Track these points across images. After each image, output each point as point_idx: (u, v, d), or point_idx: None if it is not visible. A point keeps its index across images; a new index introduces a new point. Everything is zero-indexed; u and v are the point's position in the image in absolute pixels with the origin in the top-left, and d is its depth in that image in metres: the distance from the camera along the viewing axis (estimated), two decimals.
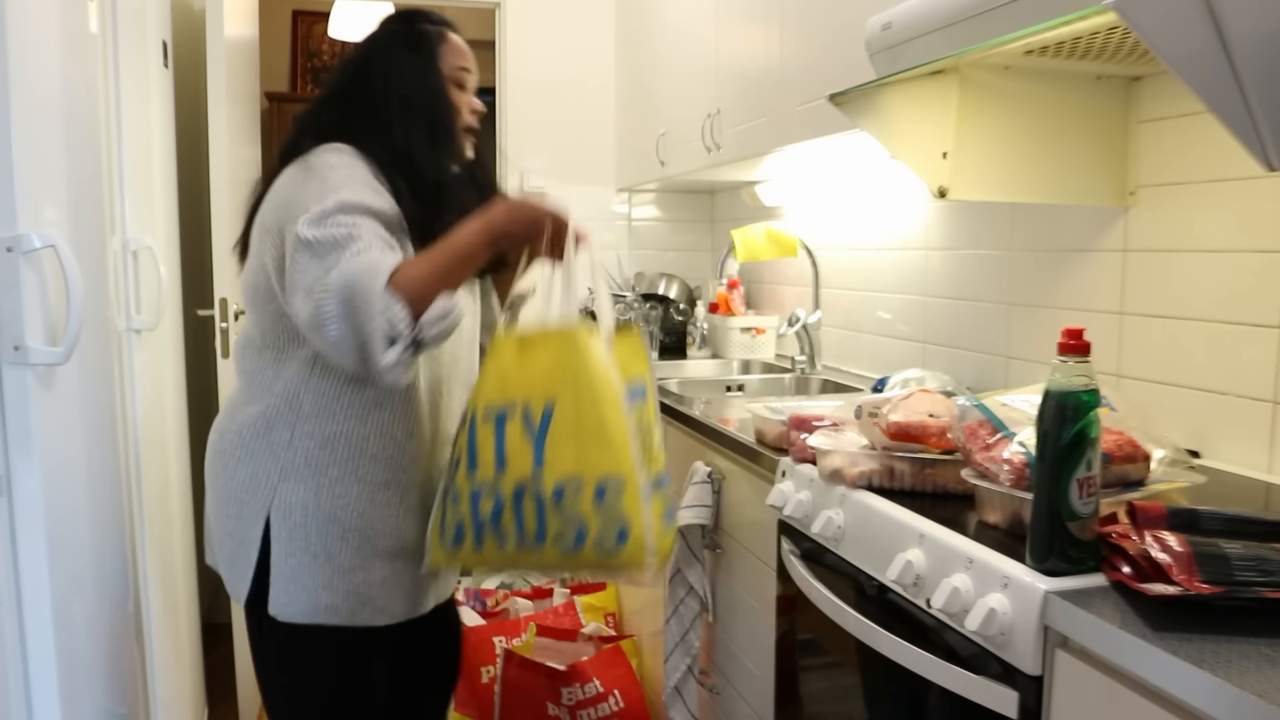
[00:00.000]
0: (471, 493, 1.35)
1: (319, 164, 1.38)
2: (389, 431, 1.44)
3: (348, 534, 1.42)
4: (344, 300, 1.23)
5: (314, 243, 1.28)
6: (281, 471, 1.41)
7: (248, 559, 1.44)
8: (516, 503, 1.32)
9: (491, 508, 1.33)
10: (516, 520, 1.33)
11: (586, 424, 1.31)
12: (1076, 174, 1.51)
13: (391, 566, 1.46)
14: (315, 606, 1.41)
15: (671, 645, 1.89)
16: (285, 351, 1.42)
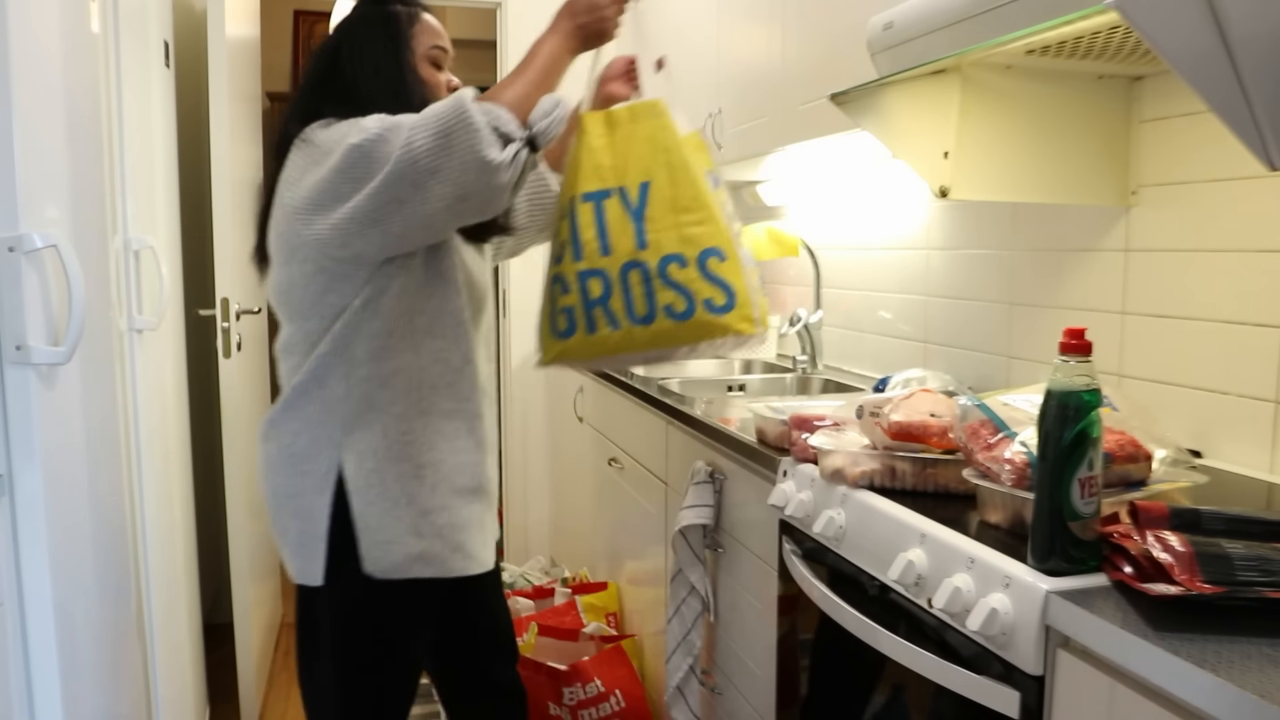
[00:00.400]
0: (579, 275, 1.39)
1: (320, 138, 1.38)
2: (444, 358, 1.45)
3: (422, 470, 1.43)
4: (438, 125, 1.25)
5: (374, 135, 1.28)
6: (342, 425, 1.42)
7: (317, 532, 1.43)
8: (624, 280, 1.37)
9: (601, 288, 1.38)
10: (625, 297, 1.37)
11: (682, 198, 1.38)
12: (1078, 174, 1.51)
13: (472, 507, 1.48)
14: (408, 556, 1.42)
15: (673, 645, 1.89)
16: (331, 315, 1.41)
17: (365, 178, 1.30)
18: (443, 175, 1.26)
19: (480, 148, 1.24)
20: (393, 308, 1.41)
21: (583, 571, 3.08)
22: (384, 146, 1.29)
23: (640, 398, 2.26)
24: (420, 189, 1.27)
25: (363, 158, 1.30)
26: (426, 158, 1.25)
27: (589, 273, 1.39)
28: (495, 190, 1.28)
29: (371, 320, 1.40)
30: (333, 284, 1.40)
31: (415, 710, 2.65)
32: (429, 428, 1.44)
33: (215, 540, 2.86)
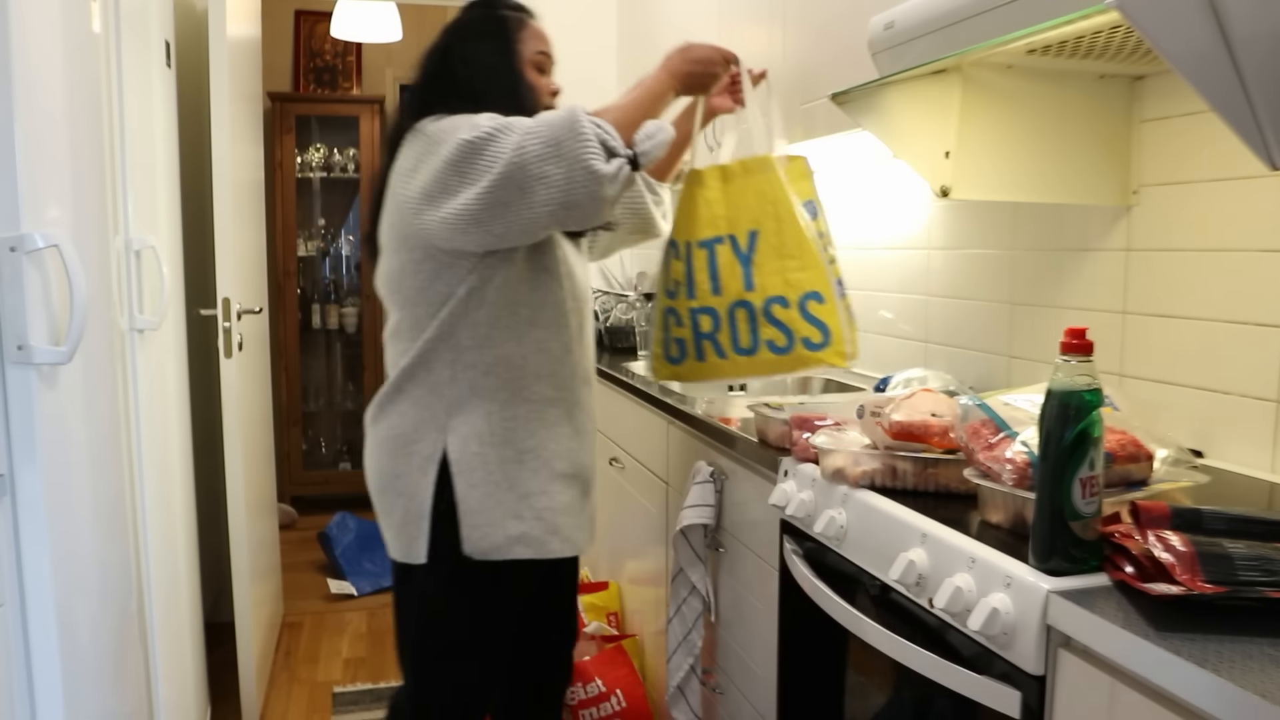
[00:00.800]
0: (691, 311, 1.62)
1: (431, 129, 1.44)
2: (546, 348, 1.52)
3: (524, 455, 1.50)
4: (549, 133, 1.33)
5: (485, 133, 1.36)
6: (447, 409, 1.48)
7: (420, 512, 1.49)
8: (731, 317, 1.58)
9: (711, 323, 1.60)
10: (732, 332, 1.59)
11: (787, 246, 1.56)
12: (1079, 173, 1.51)
13: (570, 492, 1.56)
14: (508, 538, 1.49)
15: (674, 645, 1.89)
16: (438, 303, 1.48)
17: (474, 175, 1.37)
18: (550, 182, 1.33)
19: (589, 159, 1.33)
20: (496, 298, 1.48)
21: (583, 571, 3.08)
22: (494, 145, 1.36)
23: (641, 397, 2.26)
24: (526, 194, 1.35)
25: (473, 153, 1.37)
26: (536, 164, 1.33)
27: (701, 309, 1.61)
28: (598, 201, 1.36)
29: (476, 309, 1.47)
30: (440, 272, 1.47)
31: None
32: (530, 414, 1.51)
33: (216, 540, 2.86)
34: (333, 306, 4.70)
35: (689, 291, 1.62)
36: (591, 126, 1.35)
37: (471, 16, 1.59)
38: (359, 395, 4.71)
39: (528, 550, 1.51)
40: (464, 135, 1.37)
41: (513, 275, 1.50)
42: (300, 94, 4.58)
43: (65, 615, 1.28)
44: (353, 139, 4.58)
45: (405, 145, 1.48)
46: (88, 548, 1.42)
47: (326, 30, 4.45)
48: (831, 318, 1.56)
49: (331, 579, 3.66)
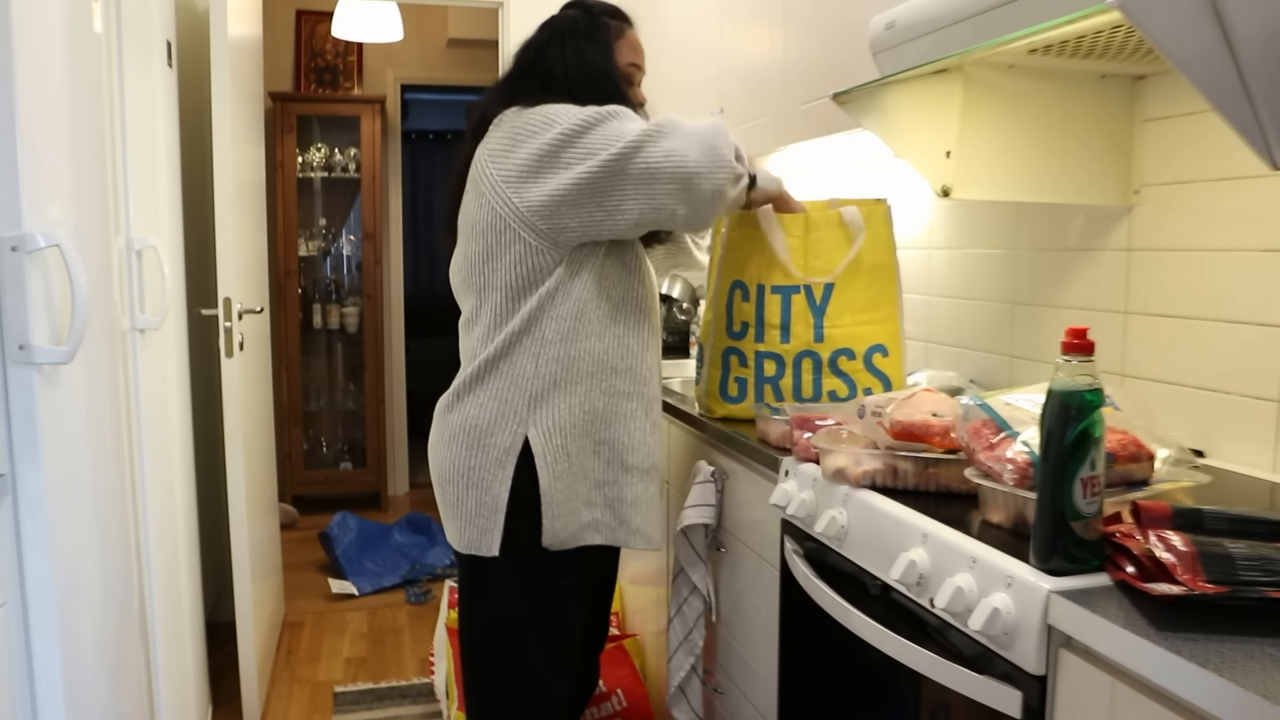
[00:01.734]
0: (757, 354, 1.65)
1: (523, 119, 1.48)
2: (625, 343, 1.55)
3: (599, 446, 1.54)
4: (685, 124, 1.41)
5: (591, 117, 1.42)
6: (529, 402, 1.50)
7: (496, 504, 1.50)
8: (796, 366, 1.63)
9: (775, 369, 1.64)
10: (795, 380, 1.64)
11: (859, 300, 1.63)
12: (1081, 173, 1.51)
13: (644, 485, 1.58)
14: (581, 525, 1.53)
15: (675, 645, 1.89)
16: (520, 294, 1.50)
17: (596, 154, 1.41)
18: (683, 164, 1.39)
19: (731, 167, 1.41)
20: (582, 292, 1.51)
21: None
22: (622, 130, 1.42)
23: None
24: (655, 179, 1.40)
25: (602, 136, 1.42)
26: (691, 152, 1.39)
27: (766, 354, 1.65)
28: (715, 201, 1.43)
29: (563, 303, 1.50)
30: (525, 259, 1.49)
31: (416, 710, 2.65)
32: (608, 408, 1.54)
33: (218, 539, 2.87)
34: (334, 306, 4.70)
35: (758, 335, 1.65)
36: (725, 132, 1.43)
37: (573, 16, 1.62)
38: (360, 395, 4.72)
39: (599, 536, 1.55)
40: (583, 117, 1.43)
41: (599, 271, 1.53)
42: (301, 94, 4.58)
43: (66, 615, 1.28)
44: (354, 139, 4.58)
45: (492, 132, 1.50)
46: (89, 547, 1.42)
47: (328, 30, 4.45)
48: (895, 369, 1.64)
49: (332, 578, 3.66)
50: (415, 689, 2.79)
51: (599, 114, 1.44)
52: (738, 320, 1.67)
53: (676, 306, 3.12)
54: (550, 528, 1.51)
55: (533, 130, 1.46)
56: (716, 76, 2.55)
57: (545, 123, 1.46)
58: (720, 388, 1.71)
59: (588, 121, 1.43)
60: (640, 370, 1.58)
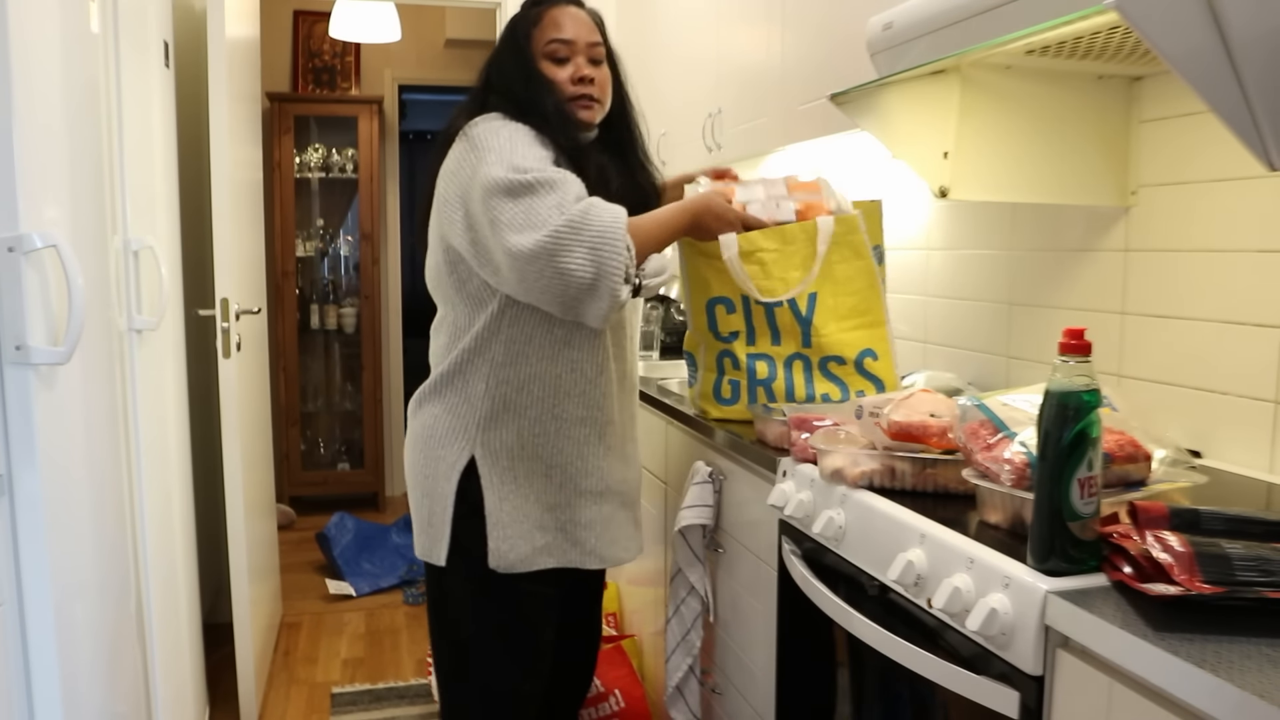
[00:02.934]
0: (749, 356, 1.66)
1: (479, 132, 1.45)
2: (580, 368, 1.52)
3: (551, 470, 1.52)
4: (591, 236, 1.33)
5: (530, 182, 1.36)
6: (479, 421, 1.50)
7: (444, 516, 1.51)
8: (788, 368, 1.64)
9: (767, 371, 1.65)
10: (787, 383, 1.64)
11: (844, 307, 1.63)
12: (1078, 174, 1.51)
13: (598, 508, 1.56)
14: (533, 549, 1.51)
15: (673, 645, 1.89)
16: (474, 311, 1.49)
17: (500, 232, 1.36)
18: (568, 279, 1.33)
19: (609, 281, 1.35)
20: (531, 315, 1.48)
21: None
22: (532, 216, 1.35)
23: (640, 397, 2.26)
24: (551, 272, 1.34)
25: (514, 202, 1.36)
26: (571, 255, 1.33)
27: (758, 356, 1.66)
28: (596, 315, 1.38)
29: (512, 324, 1.48)
30: (473, 276, 1.48)
31: (414, 710, 2.65)
32: (560, 432, 1.52)
33: (215, 540, 2.86)
34: (331, 307, 4.70)
35: (749, 338, 1.66)
36: (626, 248, 1.36)
37: (511, 17, 1.62)
38: (357, 395, 4.72)
39: (551, 559, 1.53)
40: (505, 176, 1.37)
41: None
42: (299, 94, 4.58)
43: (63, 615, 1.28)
44: (351, 139, 4.58)
45: (455, 145, 1.50)
46: (86, 548, 1.42)
47: (325, 30, 4.45)
48: (886, 372, 1.65)
49: (330, 579, 3.66)
50: (413, 690, 2.78)
51: (523, 184, 1.37)
52: (725, 329, 1.67)
53: (674, 308, 3.12)
54: (496, 549, 1.50)
55: (469, 158, 1.44)
56: (714, 77, 2.55)
57: (479, 157, 1.42)
58: (714, 390, 1.72)
59: (512, 185, 1.37)
60: (594, 395, 1.54)
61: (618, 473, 1.60)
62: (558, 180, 1.38)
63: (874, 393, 1.62)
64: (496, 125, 1.46)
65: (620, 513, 1.62)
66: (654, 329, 2.99)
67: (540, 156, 1.43)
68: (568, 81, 1.55)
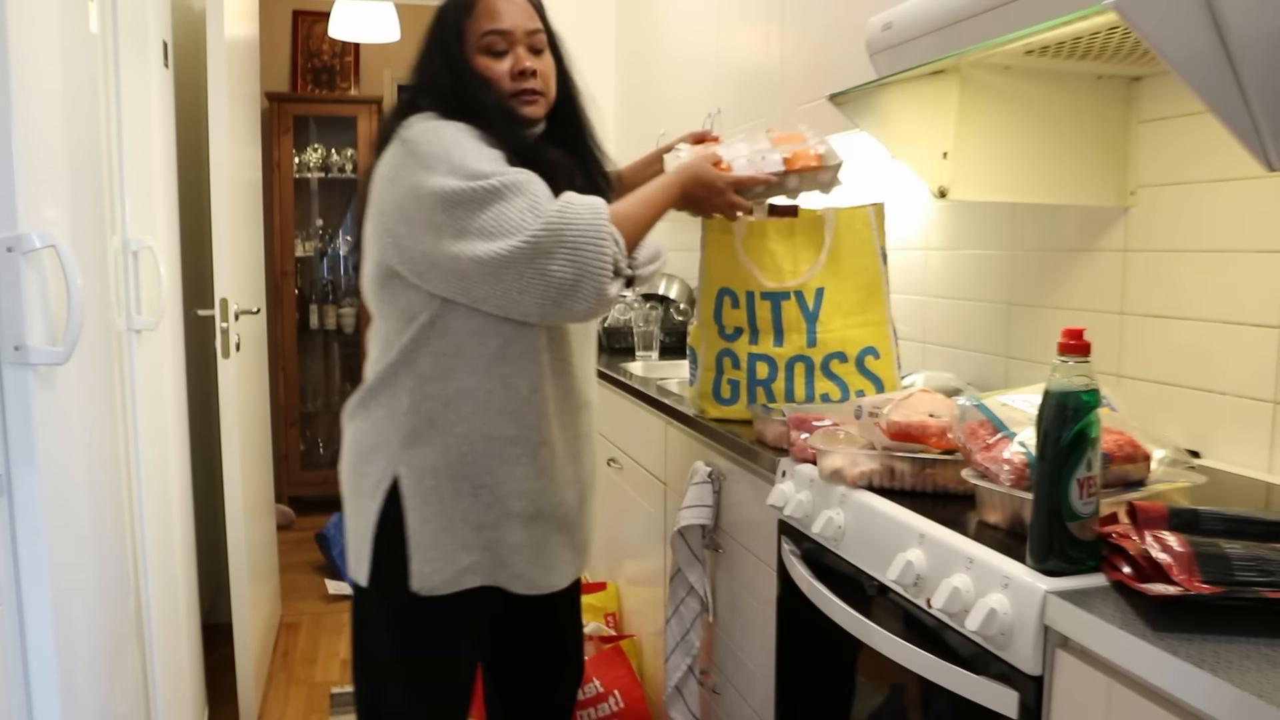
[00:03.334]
0: (750, 356, 1.65)
1: (416, 136, 1.35)
2: (512, 385, 1.41)
3: (478, 490, 1.42)
4: (573, 235, 1.26)
5: (492, 188, 1.28)
6: (403, 439, 1.40)
7: (366, 534, 1.43)
8: (789, 369, 1.64)
9: (768, 371, 1.64)
10: (788, 383, 1.64)
11: (849, 303, 1.63)
12: (1077, 174, 1.51)
13: (528, 532, 1.46)
14: (457, 570, 1.41)
15: (672, 645, 1.89)
16: (403, 323, 1.40)
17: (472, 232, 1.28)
18: (550, 281, 1.27)
19: (598, 279, 1.28)
20: (461, 327, 1.38)
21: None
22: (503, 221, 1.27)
23: (639, 398, 2.26)
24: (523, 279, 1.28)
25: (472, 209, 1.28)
26: (552, 259, 1.26)
27: (759, 356, 1.65)
28: (588, 313, 1.32)
29: (440, 337, 1.39)
30: (404, 290, 1.39)
31: None
32: (489, 452, 1.42)
33: (214, 540, 2.86)
34: (330, 307, 4.69)
35: (752, 337, 1.65)
36: (613, 241, 1.30)
37: (438, 11, 1.47)
38: None
39: (476, 578, 1.43)
40: (458, 185, 1.28)
41: None
42: (298, 94, 4.57)
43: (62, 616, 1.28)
44: (350, 139, 4.58)
45: (389, 149, 1.39)
46: (85, 548, 1.42)
47: (324, 30, 4.45)
48: (887, 371, 1.64)
49: (329, 579, 3.65)
50: None
51: (487, 190, 1.28)
52: (730, 325, 1.68)
53: (674, 308, 3.12)
54: (419, 571, 1.40)
55: (410, 166, 1.33)
56: (714, 77, 2.55)
57: (421, 165, 1.31)
58: (714, 389, 1.71)
59: (473, 194, 1.28)
60: (527, 413, 1.43)
61: (552, 495, 1.48)
62: (522, 182, 1.30)
63: (873, 392, 1.62)
64: (435, 127, 1.35)
65: (554, 537, 1.50)
66: (654, 329, 2.99)
67: (493, 157, 1.33)
68: (507, 76, 1.42)
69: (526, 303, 1.30)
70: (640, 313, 3.01)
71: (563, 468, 1.49)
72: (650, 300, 3.11)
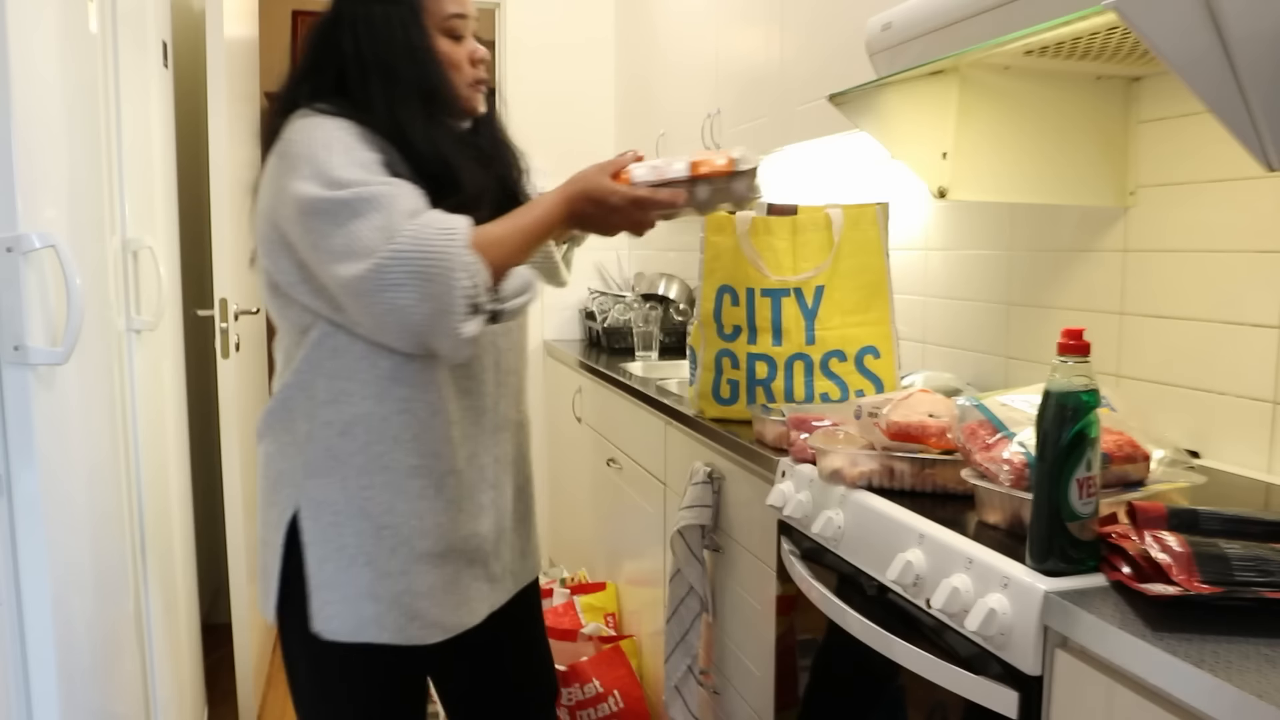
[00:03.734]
0: (749, 356, 1.65)
1: (292, 134, 1.24)
2: (410, 409, 1.27)
3: (382, 531, 1.27)
4: (421, 263, 1.12)
5: (346, 200, 1.14)
6: (304, 468, 1.28)
7: (273, 568, 1.31)
8: (788, 368, 1.64)
9: (767, 371, 1.65)
10: (787, 383, 1.64)
11: (850, 301, 1.64)
12: (1076, 174, 1.51)
13: (439, 572, 1.31)
14: (361, 620, 1.27)
15: (671, 645, 1.89)
16: (298, 338, 1.29)
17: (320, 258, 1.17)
18: (405, 315, 1.14)
19: (448, 316, 1.13)
20: (351, 347, 1.25)
21: (581, 572, 3.08)
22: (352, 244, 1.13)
23: (639, 398, 2.26)
24: (382, 309, 1.15)
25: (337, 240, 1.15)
26: (399, 290, 1.13)
27: (758, 356, 1.65)
28: (438, 349, 1.18)
29: (331, 357, 1.26)
30: (290, 301, 1.28)
31: None
32: (390, 485, 1.27)
33: (214, 541, 2.86)
34: None
35: (750, 337, 1.65)
36: (466, 274, 1.13)
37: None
38: None
39: (383, 634, 1.27)
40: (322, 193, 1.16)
41: None
42: None
43: (62, 616, 1.28)
44: None
45: (270, 159, 1.26)
46: (84, 548, 1.42)
47: None
48: (887, 371, 1.65)
49: None
50: None
51: (341, 203, 1.15)
52: (729, 324, 1.68)
53: (673, 308, 3.12)
54: (318, 614, 1.26)
55: (281, 167, 1.22)
56: (713, 78, 2.55)
57: (290, 167, 1.20)
58: (713, 389, 1.72)
59: (330, 205, 1.15)
60: (430, 441, 1.28)
61: (463, 528, 1.32)
62: (382, 196, 1.15)
63: (873, 392, 1.63)
64: (310, 124, 1.23)
65: (467, 571, 1.34)
66: (653, 329, 2.99)
67: (365, 162, 1.19)
68: (465, 63, 1.31)
69: (387, 336, 1.18)
70: (640, 313, 3.01)
71: (475, 497, 1.34)
72: (650, 300, 3.11)
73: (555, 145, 3.48)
